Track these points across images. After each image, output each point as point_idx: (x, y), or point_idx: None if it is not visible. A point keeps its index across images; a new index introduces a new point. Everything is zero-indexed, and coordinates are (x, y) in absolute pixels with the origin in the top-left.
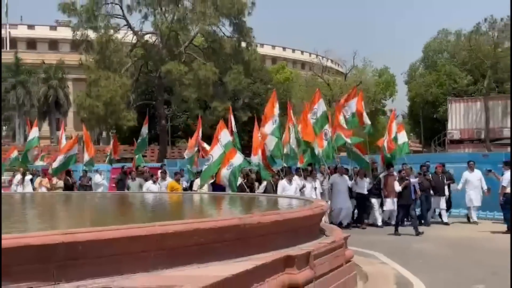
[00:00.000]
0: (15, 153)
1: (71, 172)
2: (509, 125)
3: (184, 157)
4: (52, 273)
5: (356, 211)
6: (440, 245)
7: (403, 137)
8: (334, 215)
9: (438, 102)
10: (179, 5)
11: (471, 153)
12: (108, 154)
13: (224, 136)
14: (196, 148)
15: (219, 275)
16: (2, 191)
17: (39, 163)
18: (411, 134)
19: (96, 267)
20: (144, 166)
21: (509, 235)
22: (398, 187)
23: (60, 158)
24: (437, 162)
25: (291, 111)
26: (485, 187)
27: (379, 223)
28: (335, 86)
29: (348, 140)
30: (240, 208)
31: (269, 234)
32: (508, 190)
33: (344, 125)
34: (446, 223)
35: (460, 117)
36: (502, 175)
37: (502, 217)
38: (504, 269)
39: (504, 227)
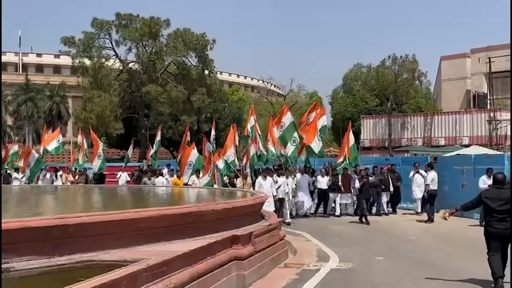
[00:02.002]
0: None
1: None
2: (406, 136)
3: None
4: (48, 249)
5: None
6: (354, 228)
7: (351, 140)
8: (298, 207)
9: (354, 118)
10: (156, 41)
11: (377, 157)
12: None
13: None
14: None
15: (179, 250)
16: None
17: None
18: (333, 142)
19: (83, 244)
20: (159, 166)
21: (423, 223)
22: (357, 184)
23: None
24: (384, 164)
25: (257, 124)
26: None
27: (337, 213)
28: (276, 105)
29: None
30: (207, 198)
31: (221, 219)
32: (431, 187)
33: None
34: (386, 214)
35: (370, 130)
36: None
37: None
38: (397, 246)
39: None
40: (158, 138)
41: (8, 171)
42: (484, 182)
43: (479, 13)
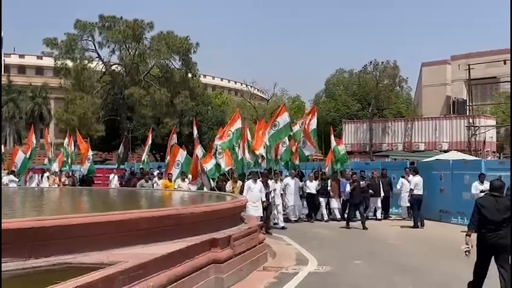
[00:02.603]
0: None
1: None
2: (386, 141)
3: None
4: (24, 251)
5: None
6: (334, 231)
7: (343, 149)
8: (289, 212)
9: (335, 123)
10: (140, 43)
11: (358, 161)
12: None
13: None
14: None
15: (157, 253)
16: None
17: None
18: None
19: (61, 247)
20: (151, 169)
21: (407, 228)
22: (348, 188)
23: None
24: (373, 169)
25: (247, 130)
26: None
27: (325, 218)
28: (259, 109)
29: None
30: (190, 200)
31: (200, 222)
32: (415, 192)
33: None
34: (379, 219)
35: (351, 134)
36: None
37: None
38: (378, 250)
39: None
40: (150, 141)
41: None
42: (476, 188)
43: (459, 21)
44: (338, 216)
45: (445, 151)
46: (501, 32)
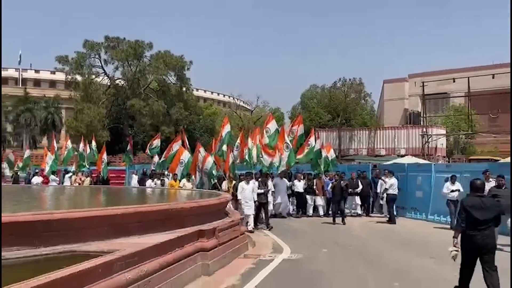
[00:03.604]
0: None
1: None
2: (353, 147)
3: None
4: (35, 240)
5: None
6: (305, 224)
7: (332, 155)
8: (276, 208)
9: (309, 131)
10: (140, 61)
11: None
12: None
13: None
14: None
15: (151, 242)
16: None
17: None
18: None
19: (67, 237)
20: (162, 169)
21: (380, 223)
22: (328, 187)
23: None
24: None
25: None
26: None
27: (310, 214)
28: (245, 118)
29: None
30: (185, 197)
31: (189, 215)
32: (390, 191)
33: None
34: (360, 215)
35: (323, 141)
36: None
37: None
38: (342, 241)
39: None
40: (158, 144)
41: (19, 173)
42: (448, 188)
43: (417, 43)
44: (322, 212)
45: (402, 156)
46: (451, 54)
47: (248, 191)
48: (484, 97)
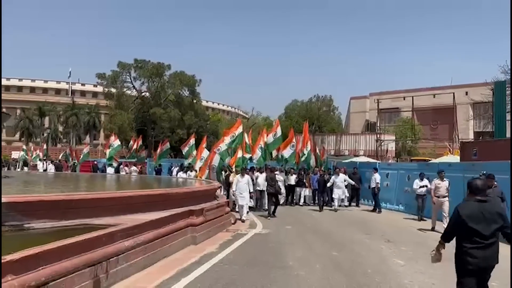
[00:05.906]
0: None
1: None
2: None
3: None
4: (58, 215)
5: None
6: (286, 209)
7: (325, 156)
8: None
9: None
10: (161, 79)
11: None
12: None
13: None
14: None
15: (149, 218)
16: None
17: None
18: None
19: (83, 213)
20: (189, 164)
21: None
22: (315, 182)
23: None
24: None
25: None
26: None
27: (301, 203)
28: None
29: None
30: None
31: (182, 199)
32: (373, 184)
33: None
34: (346, 206)
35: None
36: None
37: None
38: (306, 221)
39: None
40: (192, 143)
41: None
42: (417, 183)
43: (378, 68)
44: (308, 201)
45: (358, 156)
46: (403, 76)
47: (243, 183)
48: (426, 112)
